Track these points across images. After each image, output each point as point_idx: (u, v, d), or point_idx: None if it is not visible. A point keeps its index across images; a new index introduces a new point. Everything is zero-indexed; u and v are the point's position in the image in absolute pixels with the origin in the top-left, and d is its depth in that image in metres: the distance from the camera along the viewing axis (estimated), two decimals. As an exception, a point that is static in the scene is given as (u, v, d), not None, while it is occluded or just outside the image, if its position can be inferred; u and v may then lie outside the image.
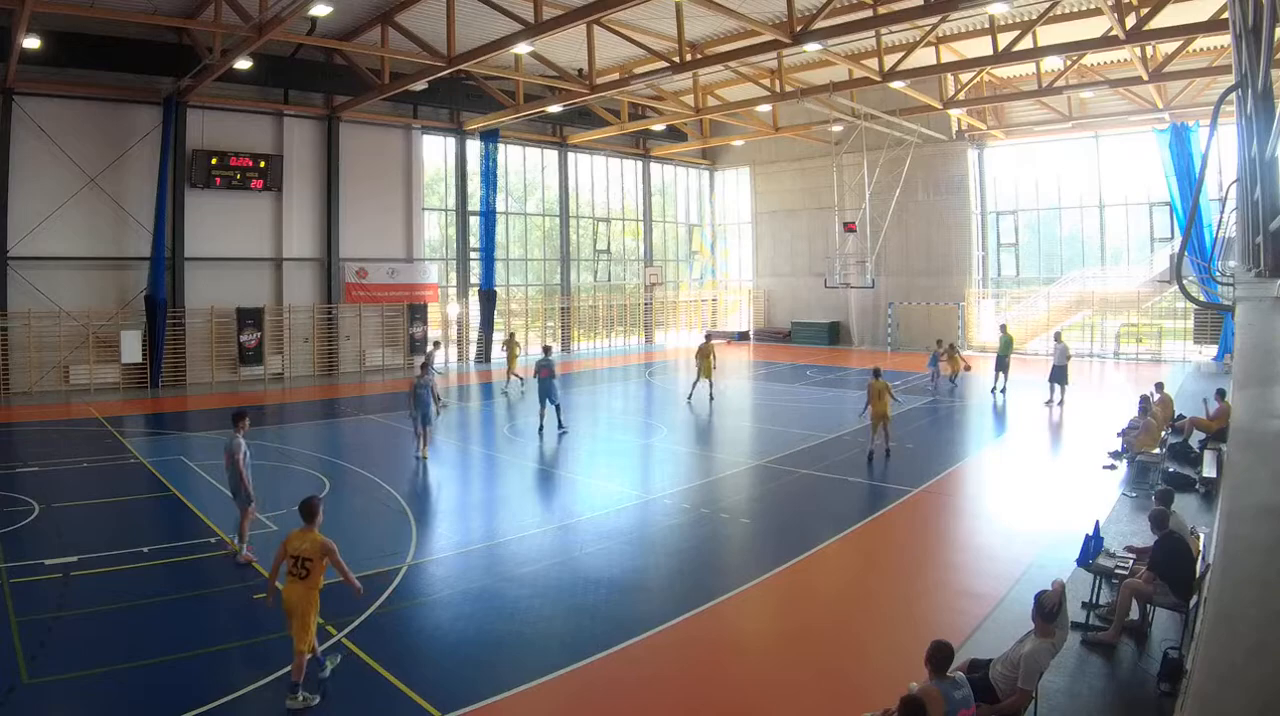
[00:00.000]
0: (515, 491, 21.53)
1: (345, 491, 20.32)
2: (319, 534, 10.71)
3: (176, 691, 10.33)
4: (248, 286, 41.07)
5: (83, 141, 36.33)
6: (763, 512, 19.00)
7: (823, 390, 37.24)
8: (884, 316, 55.00)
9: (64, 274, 36.15)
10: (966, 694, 8.51)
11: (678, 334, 63.20)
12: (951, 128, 50.54)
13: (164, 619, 12.73)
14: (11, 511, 17.94)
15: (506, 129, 48.89)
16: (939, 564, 15.81)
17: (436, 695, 10.38)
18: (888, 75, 36.35)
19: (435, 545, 16.51)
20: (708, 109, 46.77)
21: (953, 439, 26.92)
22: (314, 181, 43.19)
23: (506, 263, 52.56)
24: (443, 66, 33.83)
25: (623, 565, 15.36)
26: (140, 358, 37.23)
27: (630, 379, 43.54)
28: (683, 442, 27.44)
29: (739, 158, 63.25)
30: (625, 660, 11.56)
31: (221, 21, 30.05)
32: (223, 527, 16.90)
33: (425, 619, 13.26)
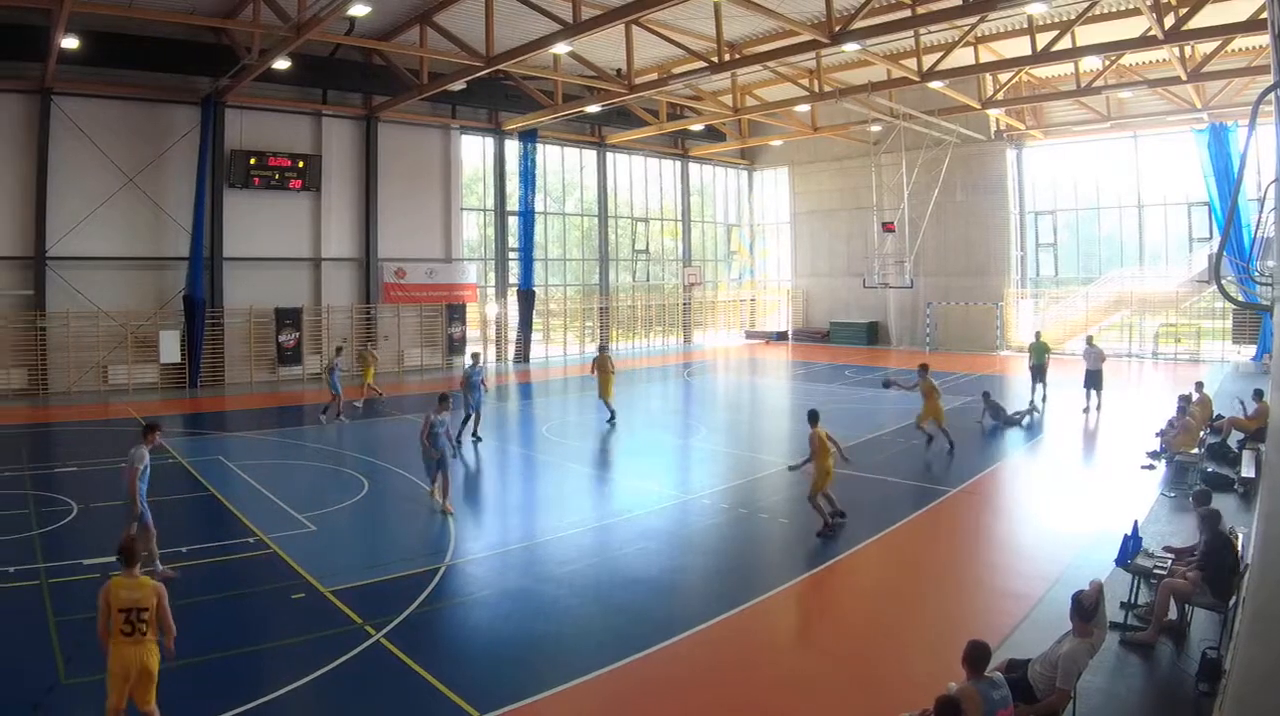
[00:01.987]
0: (554, 491, 21.52)
1: (384, 491, 20.33)
2: (146, 578, 9.17)
3: (215, 692, 10.33)
4: (286, 286, 41.30)
5: (121, 141, 36.58)
6: (801, 512, 18.63)
7: (861, 390, 37.02)
8: (922, 316, 54.79)
9: (102, 274, 36.38)
10: (1005, 694, 8.44)
11: (716, 334, 63.17)
12: (990, 128, 50.33)
13: (202, 619, 12.64)
14: (50, 511, 18.08)
15: (545, 129, 48.87)
16: (977, 563, 15.73)
17: (475, 694, 10.32)
18: (926, 75, 36.24)
19: (474, 545, 16.47)
20: (746, 109, 46.74)
21: (991, 439, 26.68)
22: (352, 181, 43.35)
23: (545, 263, 52.53)
24: (481, 66, 33.88)
25: (661, 565, 15.31)
26: (179, 358, 37.46)
27: (669, 379, 43.59)
28: (721, 442, 27.43)
29: (777, 158, 63.05)
30: (664, 660, 11.51)
31: (260, 21, 30.20)
32: (262, 528, 16.94)
33: (464, 618, 13.25)
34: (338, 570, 14.62)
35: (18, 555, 15.06)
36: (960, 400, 32.15)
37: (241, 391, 37.26)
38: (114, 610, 8.70)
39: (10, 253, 34.73)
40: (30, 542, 16.03)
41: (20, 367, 34.78)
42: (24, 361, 34.82)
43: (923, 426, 23.41)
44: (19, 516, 17.75)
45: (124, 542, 9.32)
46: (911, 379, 23.87)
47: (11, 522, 17.24)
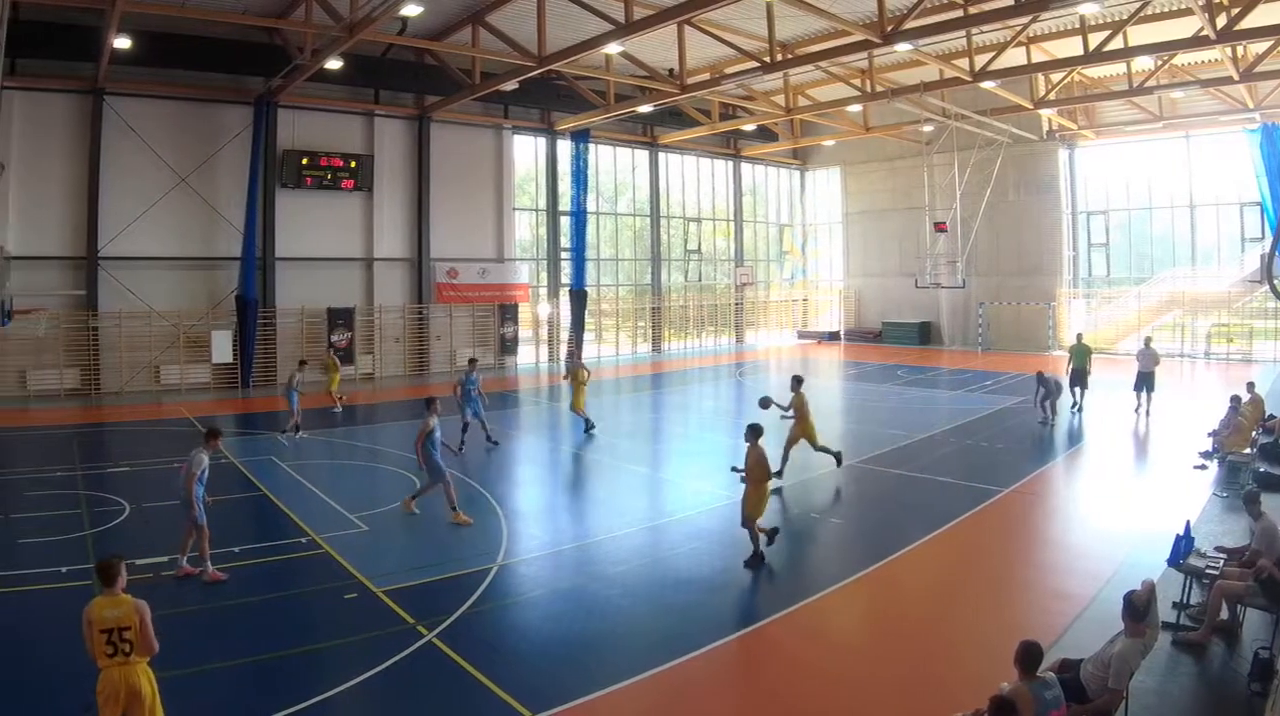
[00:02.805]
0: (606, 491, 21.52)
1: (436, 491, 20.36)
2: (127, 596, 8.60)
3: (268, 691, 10.41)
4: (338, 286, 41.48)
5: (173, 141, 36.85)
6: (853, 512, 18.95)
7: (913, 390, 37.04)
8: (974, 316, 54.51)
9: (154, 274, 36.66)
10: (1057, 694, 8.39)
11: (768, 334, 63.10)
12: (1042, 128, 50.11)
13: (255, 619, 12.86)
14: (103, 511, 18.22)
15: (597, 129, 48.87)
16: (1029, 563, 15.65)
17: (527, 694, 10.34)
18: (978, 75, 36.14)
19: (526, 545, 16.46)
20: (798, 109, 46.70)
21: (1042, 440, 26.50)
22: (405, 181, 43.50)
23: (597, 263, 52.61)
24: (533, 66, 34.00)
25: (713, 565, 15.27)
26: (231, 357, 37.68)
27: (721, 379, 43.52)
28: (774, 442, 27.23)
29: (830, 158, 62.88)
30: (715, 660, 11.54)
31: (312, 21, 30.45)
32: (314, 528, 17.06)
33: (516, 618, 13.26)
34: (390, 570, 14.68)
35: (70, 555, 15.18)
36: (1013, 400, 31.99)
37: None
38: (96, 630, 8.30)
39: (63, 253, 34.97)
40: (83, 543, 16.17)
41: (73, 368, 35.01)
42: (76, 361, 35.04)
43: (792, 450, 21.85)
44: (72, 516, 17.92)
45: (103, 561, 8.77)
46: (786, 399, 22.45)
47: (64, 523, 17.41)
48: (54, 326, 34.13)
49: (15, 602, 13.34)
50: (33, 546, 15.83)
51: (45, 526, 17.14)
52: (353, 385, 39.41)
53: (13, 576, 14.18)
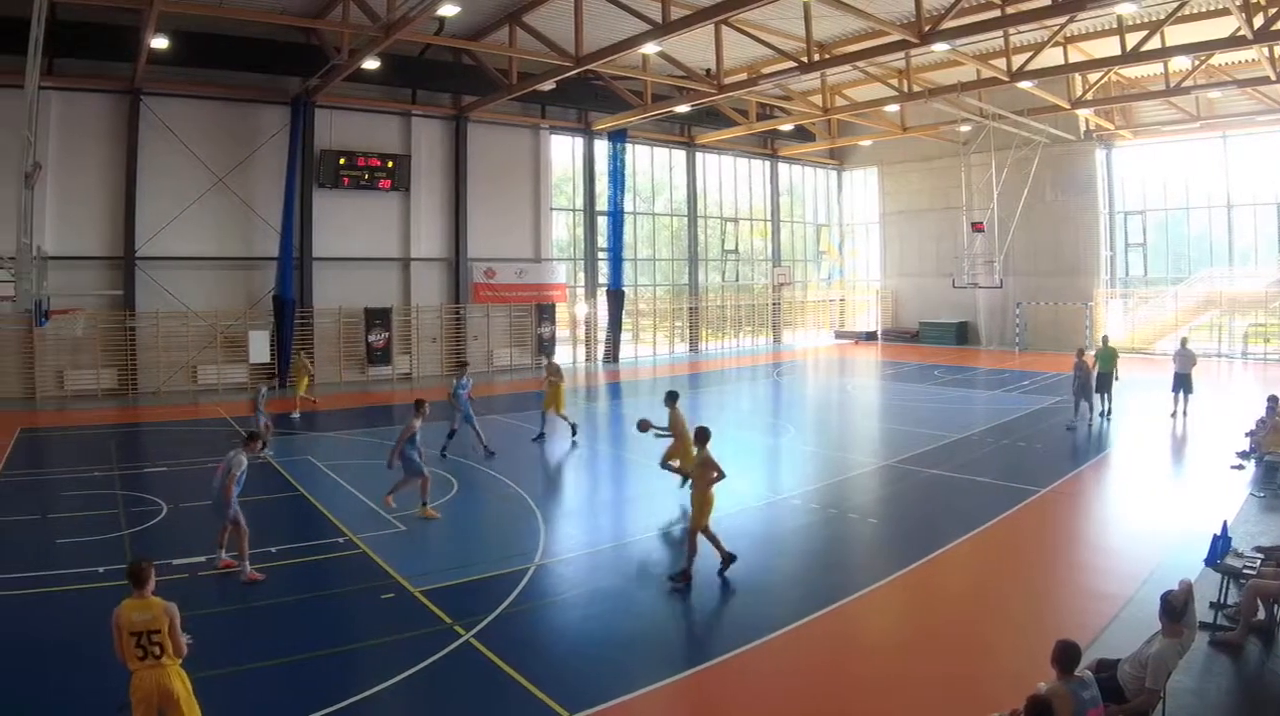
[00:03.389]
0: (643, 491, 21.50)
1: (474, 491, 20.44)
2: (157, 598, 8.59)
3: (306, 691, 10.43)
4: (375, 286, 41.56)
5: (210, 141, 37.01)
6: (890, 512, 18.88)
7: (951, 390, 36.94)
8: (1012, 316, 54.35)
9: (191, 274, 36.85)
10: (1094, 694, 8.32)
11: (806, 334, 63.08)
12: (1079, 128, 49.99)
13: (293, 619, 12.92)
14: (140, 511, 18.31)
15: (634, 129, 48.94)
16: (1066, 564, 15.54)
17: (564, 694, 10.33)
18: (1015, 75, 36.01)
19: (563, 545, 16.46)
20: (836, 109, 46.56)
21: (1079, 440, 26.33)
22: (442, 181, 43.57)
23: (634, 262, 52.61)
24: (570, 66, 34.01)
25: (751, 565, 15.14)
26: (268, 357, 37.69)
27: (758, 379, 43.42)
28: (810, 443, 27.38)
29: (867, 157, 62.73)
30: (753, 660, 11.46)
31: (349, 21, 30.49)
32: (351, 528, 17.11)
33: (553, 618, 13.30)
34: (427, 570, 14.72)
35: (107, 555, 15.23)
36: (1051, 400, 31.83)
37: (331, 391, 37.38)
38: (125, 633, 8.27)
39: (100, 253, 35.16)
40: (120, 543, 16.25)
41: (110, 368, 35.18)
42: (114, 361, 35.22)
43: (671, 464, 20.56)
44: (109, 516, 18.02)
45: (132, 564, 8.79)
46: (664, 419, 21.42)
47: (101, 523, 17.50)
48: (91, 326, 34.30)
49: (53, 603, 13.41)
50: (70, 546, 15.90)
51: (82, 526, 17.22)
52: (390, 385, 39.58)
53: (50, 576, 14.26)
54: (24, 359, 33.99)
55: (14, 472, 22.15)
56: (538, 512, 18.65)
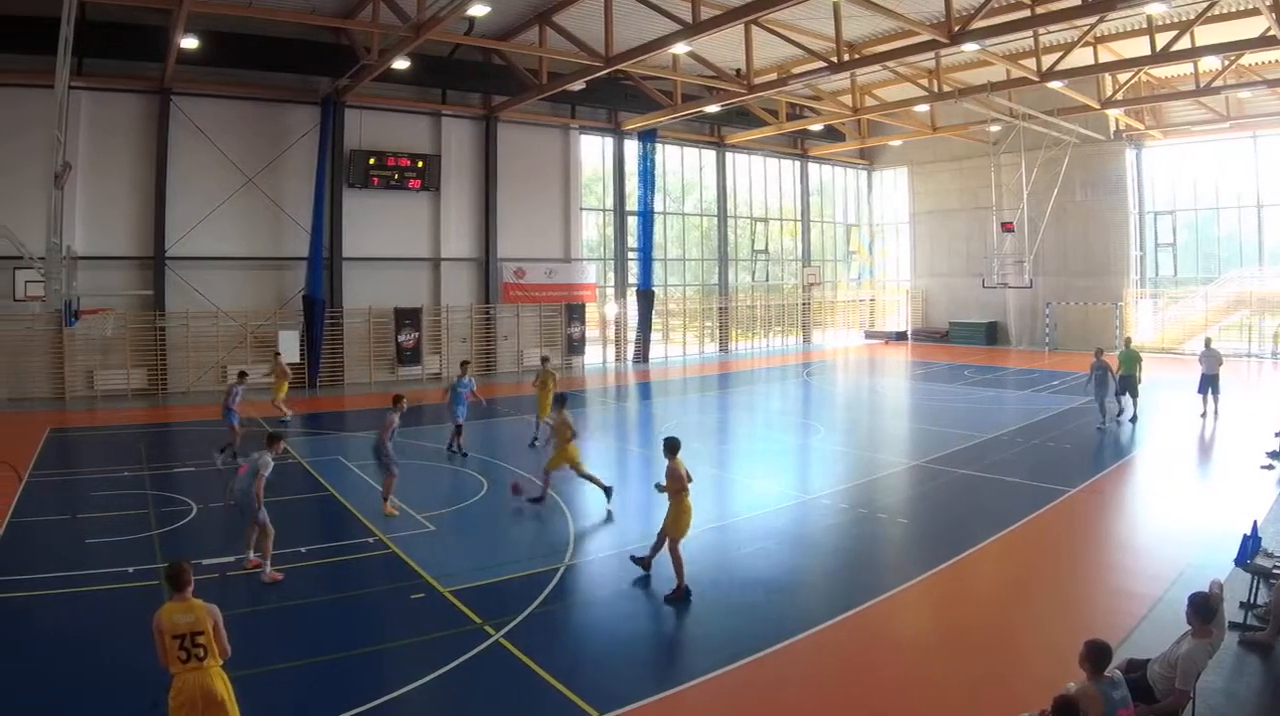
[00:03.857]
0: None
1: (503, 491, 20.30)
2: (198, 600, 8.46)
3: (336, 691, 10.45)
4: (405, 286, 41.62)
5: (240, 141, 37.14)
6: (920, 512, 18.86)
7: (981, 390, 36.89)
8: (1042, 316, 54.23)
9: (221, 274, 36.97)
10: (1124, 694, 8.28)
11: (835, 334, 63.00)
12: (1109, 128, 49.76)
13: (322, 619, 12.94)
14: (169, 511, 18.35)
15: (664, 129, 48.87)
16: (1096, 563, 15.51)
17: (594, 694, 10.34)
18: (1045, 75, 35.96)
19: (593, 545, 16.50)
20: (865, 109, 46.52)
21: (1108, 440, 26.24)
22: (472, 181, 43.59)
23: (664, 262, 52.55)
24: (600, 66, 34.10)
25: (780, 565, 15.32)
26: (298, 357, 37.61)
27: (788, 379, 43.42)
28: (840, 442, 27.29)
29: (897, 157, 62.59)
30: (782, 660, 11.47)
31: (379, 21, 30.59)
32: (381, 528, 17.16)
33: (583, 618, 13.34)
34: (457, 570, 14.74)
35: (137, 555, 15.30)
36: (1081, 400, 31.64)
37: (361, 391, 37.53)
38: (167, 637, 8.13)
39: (130, 253, 35.32)
40: (149, 542, 16.29)
41: (140, 368, 35.32)
42: (144, 361, 35.35)
43: (551, 471, 19.80)
44: (138, 516, 18.06)
45: (171, 566, 8.65)
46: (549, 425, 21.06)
47: (131, 523, 17.54)
48: (121, 326, 34.44)
49: (83, 603, 13.43)
50: (100, 546, 15.94)
51: (112, 526, 17.28)
52: (420, 385, 39.53)
53: (80, 576, 14.28)
54: (54, 359, 34.13)
55: (44, 472, 22.21)
56: (567, 512, 18.67)
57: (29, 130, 30.85)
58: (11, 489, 20.15)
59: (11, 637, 12.10)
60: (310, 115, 38.39)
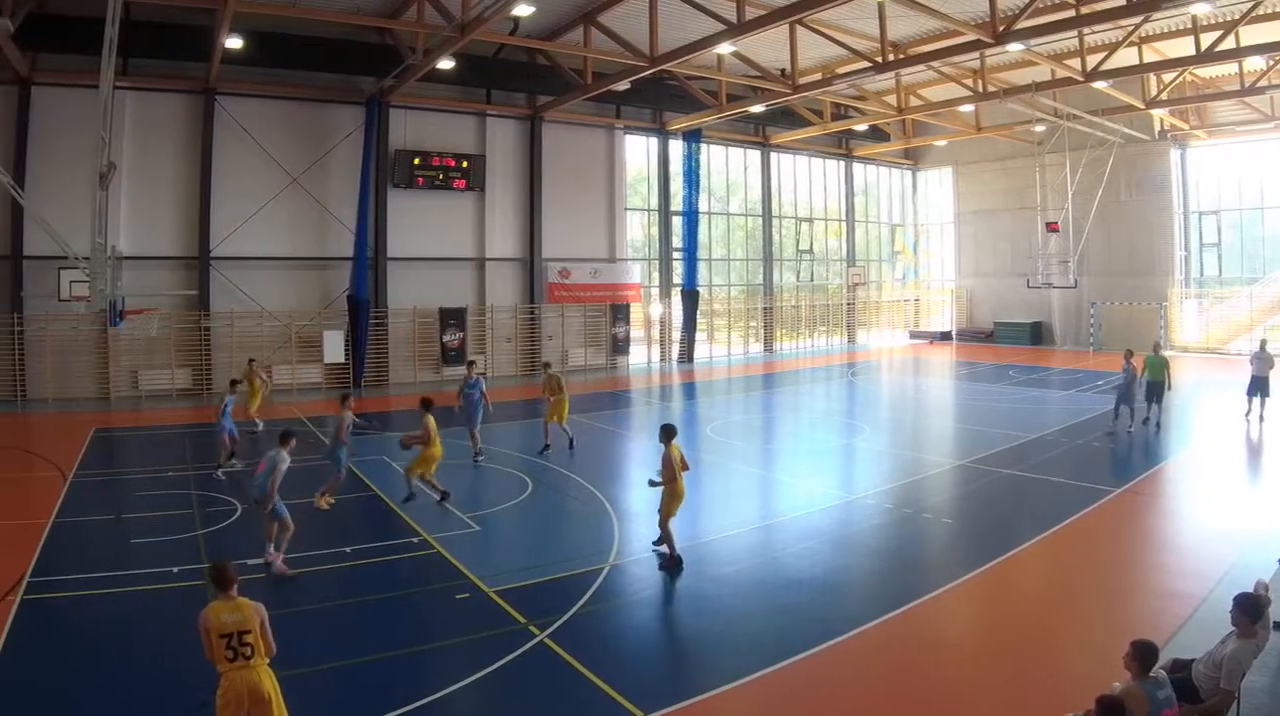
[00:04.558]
0: (718, 491, 21.36)
1: (548, 491, 20.50)
2: (245, 599, 8.58)
3: (380, 691, 10.47)
4: (450, 286, 41.70)
5: (285, 141, 37.36)
6: (965, 513, 18.78)
7: (1025, 390, 36.75)
8: (1086, 317, 54.00)
9: (265, 274, 37.12)
10: (1169, 694, 8.20)
11: (880, 334, 62.86)
12: (1154, 128, 49.41)
13: (368, 619, 12.96)
14: (214, 511, 18.45)
15: (709, 129, 48.84)
16: (1141, 564, 15.44)
17: (639, 694, 10.35)
18: (1090, 75, 35.81)
19: (638, 545, 16.40)
20: (910, 109, 46.48)
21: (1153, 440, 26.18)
22: (516, 181, 43.65)
23: (709, 262, 52.41)
24: (645, 66, 34.05)
25: (825, 565, 15.28)
26: (343, 358, 37.89)
27: (833, 379, 43.38)
28: (885, 442, 27.28)
29: (942, 157, 62.35)
30: (827, 660, 11.46)
31: (424, 21, 30.70)
32: (426, 528, 17.18)
33: (628, 618, 13.34)
34: (502, 570, 14.75)
35: (182, 555, 15.38)
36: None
37: (405, 391, 37.13)
38: (215, 635, 8.23)
39: (174, 253, 35.56)
40: (194, 542, 16.37)
41: (185, 367, 35.50)
42: (188, 361, 35.52)
43: (413, 478, 19.76)
44: (183, 516, 18.17)
45: (216, 566, 8.77)
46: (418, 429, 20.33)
47: (176, 523, 17.65)
48: (166, 327, 34.58)
49: (128, 603, 13.50)
50: (145, 546, 16.05)
51: (157, 527, 17.38)
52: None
53: (125, 576, 14.37)
54: (99, 359, 34.37)
55: (89, 472, 22.32)
56: (612, 512, 18.70)
57: (74, 130, 31.02)
58: (56, 489, 20.35)
59: (58, 638, 12.14)
60: (355, 115, 38.52)
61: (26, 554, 15.34)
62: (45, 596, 13.53)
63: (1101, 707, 7.62)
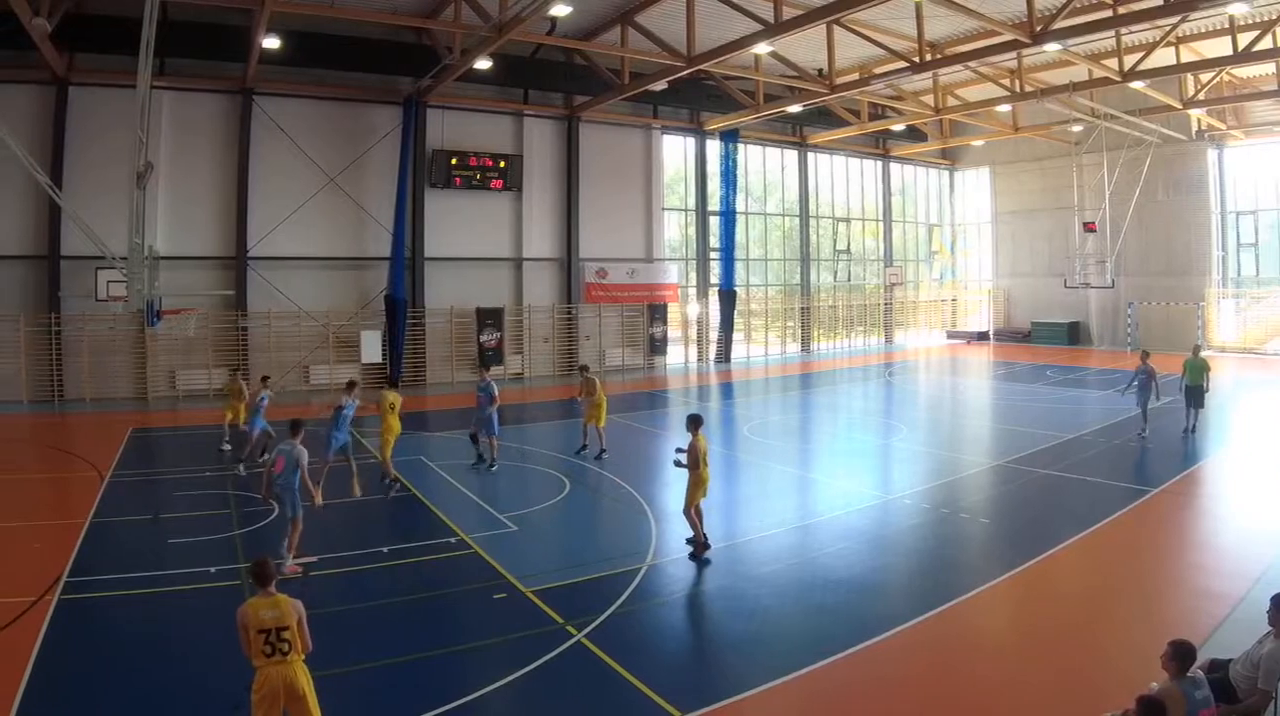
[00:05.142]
0: (755, 491, 21.41)
1: (585, 492, 20.55)
2: (283, 595, 8.66)
3: (418, 691, 10.51)
4: (487, 286, 41.82)
5: (322, 141, 37.48)
6: (1002, 512, 18.74)
7: (1063, 390, 36.58)
8: (1124, 316, 53.75)
9: (303, 274, 37.26)
10: (1207, 694, 8.14)
11: (917, 334, 62.77)
12: (1191, 128, 49.18)
13: (405, 619, 12.98)
14: (252, 511, 18.41)
15: (746, 129, 48.80)
16: (1178, 563, 15.43)
17: (676, 694, 10.34)
18: (1127, 75, 35.78)
19: (676, 545, 16.24)
20: (947, 109, 46.41)
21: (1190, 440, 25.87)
22: (554, 181, 43.72)
23: (746, 262, 52.52)
24: (682, 66, 34.20)
25: (862, 565, 15.26)
26: (380, 357, 37.95)
27: (870, 379, 43.35)
28: (922, 442, 27.14)
29: (979, 157, 62.21)
30: (864, 660, 11.46)
31: (461, 21, 30.87)
32: (463, 528, 17.20)
33: (665, 618, 13.38)
34: (539, 570, 14.78)
35: (220, 555, 15.44)
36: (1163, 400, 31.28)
37: (442, 391, 37.62)
38: (252, 631, 8.34)
39: (212, 253, 35.73)
40: (231, 542, 16.45)
41: (222, 367, 35.10)
42: (226, 361, 35.18)
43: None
44: (221, 516, 18.26)
45: (256, 563, 8.93)
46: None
47: (213, 523, 17.73)
48: (203, 326, 34.75)
49: (166, 603, 13.56)
50: (183, 546, 16.13)
51: (195, 526, 17.47)
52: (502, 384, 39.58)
53: (163, 576, 14.44)
54: (136, 359, 34.58)
55: (126, 472, 22.40)
56: (649, 512, 18.67)
57: (112, 130, 31.26)
58: (94, 489, 20.45)
59: (95, 637, 12.22)
60: (392, 115, 38.60)
61: (64, 553, 15.44)
62: (83, 596, 13.59)
63: (1142, 707, 7.58)
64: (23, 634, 12.01)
